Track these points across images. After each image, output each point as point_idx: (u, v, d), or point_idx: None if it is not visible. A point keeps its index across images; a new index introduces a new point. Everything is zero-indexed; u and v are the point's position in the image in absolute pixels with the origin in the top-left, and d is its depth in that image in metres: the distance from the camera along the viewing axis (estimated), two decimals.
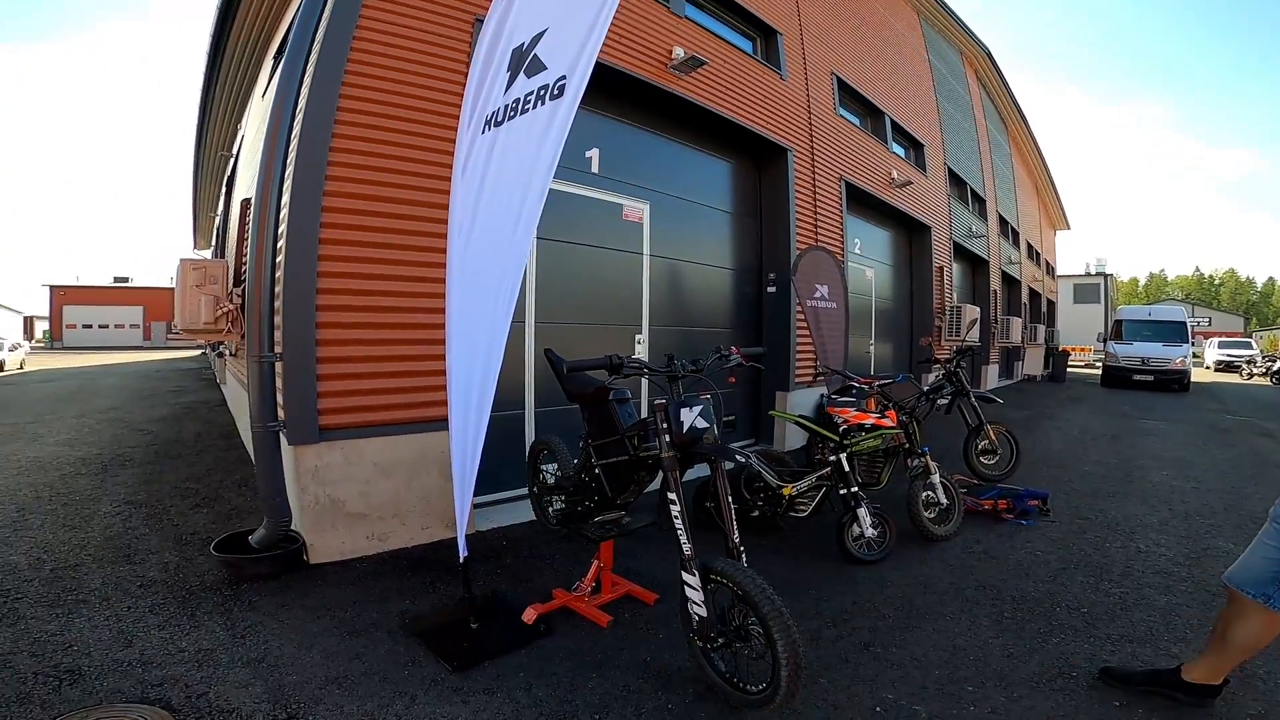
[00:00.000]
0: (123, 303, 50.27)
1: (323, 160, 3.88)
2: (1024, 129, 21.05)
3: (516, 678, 2.58)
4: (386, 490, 4.02)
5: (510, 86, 2.87)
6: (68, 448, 6.83)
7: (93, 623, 2.92)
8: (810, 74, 8.59)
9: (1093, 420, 10.82)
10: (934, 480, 4.40)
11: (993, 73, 17.28)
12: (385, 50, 4.21)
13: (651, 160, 6.52)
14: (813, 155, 8.31)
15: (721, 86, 6.82)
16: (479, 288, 2.83)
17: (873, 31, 10.89)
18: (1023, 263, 20.72)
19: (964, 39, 15.36)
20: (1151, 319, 19.70)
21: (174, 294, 5.20)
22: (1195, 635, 2.97)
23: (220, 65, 9.28)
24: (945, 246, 12.96)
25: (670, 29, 6.31)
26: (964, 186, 14.87)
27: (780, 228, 7.79)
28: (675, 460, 2.56)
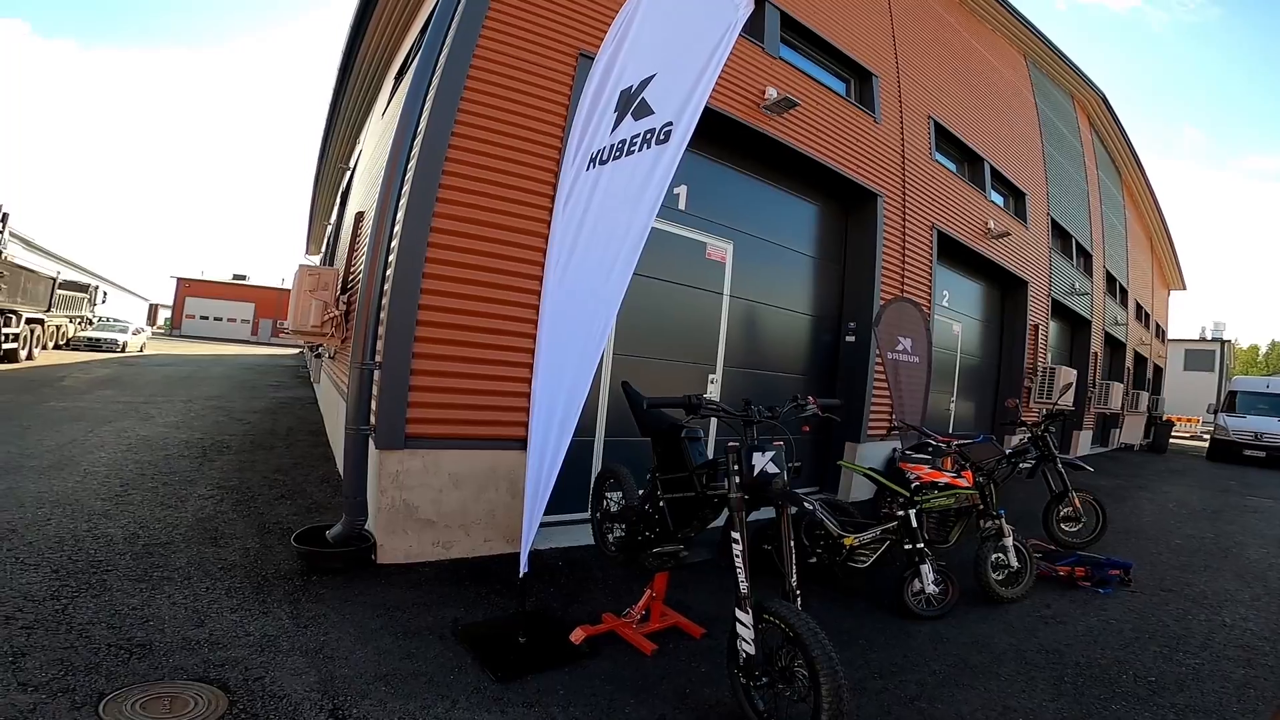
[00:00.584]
0: (237, 298, 54.04)
1: (435, 183, 4.16)
2: (1139, 177, 19.90)
3: (556, 694, 2.64)
4: (456, 500, 4.19)
5: (617, 127, 3.00)
6: (174, 429, 7.41)
7: (172, 600, 3.11)
8: (906, 117, 8.49)
9: (1192, 494, 10.07)
10: (1006, 543, 4.26)
11: (1107, 117, 16.42)
12: (497, 80, 4.50)
13: (737, 199, 6.60)
14: (904, 201, 8.18)
15: (812, 128, 6.85)
16: (572, 318, 2.96)
17: (974, 74, 10.66)
18: (1129, 324, 19.53)
19: (1076, 82, 14.69)
20: (1270, 391, 18.20)
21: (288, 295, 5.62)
22: (1268, 708, 2.81)
23: (347, 83, 10.04)
24: (1043, 304, 12.39)
25: (764, 69, 6.41)
26: (1069, 239, 14.19)
27: (864, 275, 7.67)
28: (743, 501, 2.60)
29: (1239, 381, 20.22)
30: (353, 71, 9.59)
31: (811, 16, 7.24)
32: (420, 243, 4.09)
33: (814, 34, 7.30)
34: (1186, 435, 27.85)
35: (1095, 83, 14.96)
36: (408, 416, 4.05)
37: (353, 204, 10.27)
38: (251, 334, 52.97)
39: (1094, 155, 16.38)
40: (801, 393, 3.25)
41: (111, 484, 4.95)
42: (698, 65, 2.61)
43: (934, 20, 9.73)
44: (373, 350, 3.89)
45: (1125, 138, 17.68)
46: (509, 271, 4.39)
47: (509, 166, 4.46)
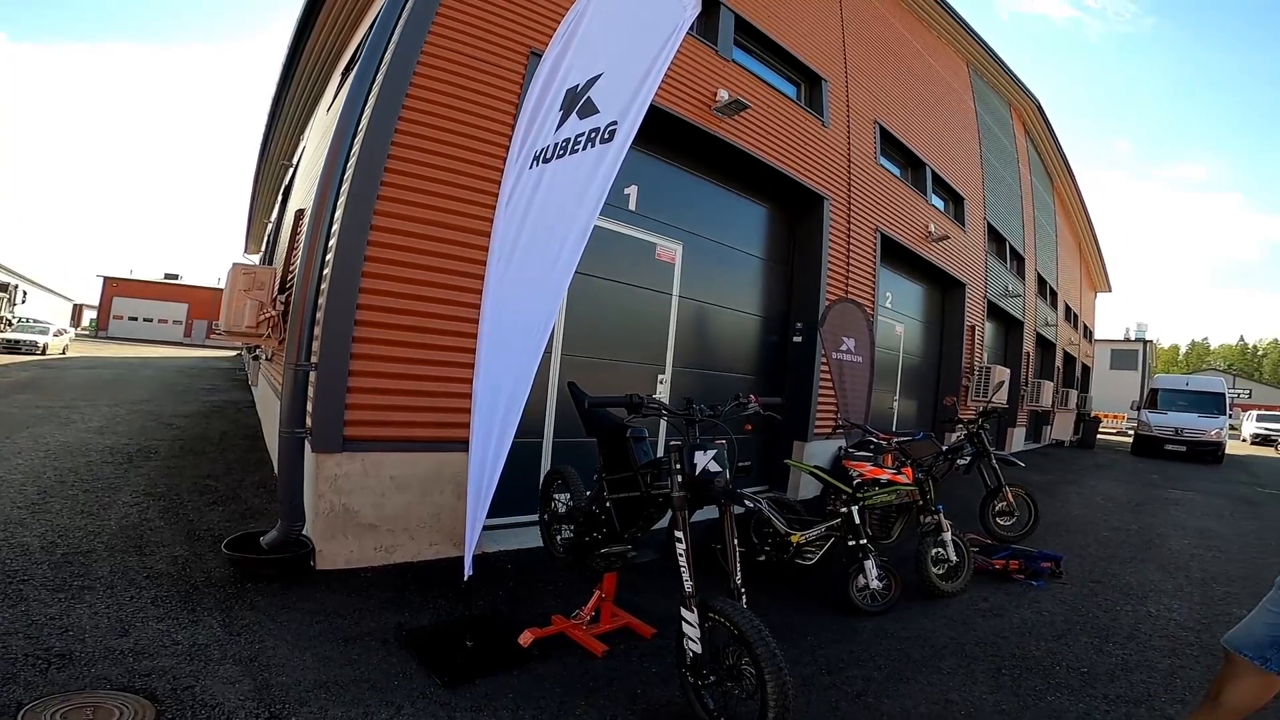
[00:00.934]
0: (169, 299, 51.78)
1: (377, 179, 4.05)
2: (1070, 184, 20.83)
3: (505, 698, 2.60)
4: (399, 504, 4.09)
5: (561, 126, 2.98)
6: (97, 435, 7.04)
7: (93, 609, 2.97)
8: (853, 122, 8.68)
9: (1118, 488, 10.58)
10: (945, 538, 4.38)
11: (1042, 125, 17.11)
12: (446, 77, 4.41)
13: (687, 201, 6.63)
14: (849, 205, 8.36)
15: (763, 131, 6.93)
16: (513, 317, 2.92)
17: (919, 80, 10.96)
18: (1059, 325, 20.40)
19: (1013, 90, 15.26)
20: (1188, 389, 19.33)
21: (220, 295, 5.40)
22: (1193, 697, 2.94)
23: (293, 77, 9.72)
24: (979, 305, 12.84)
25: (716, 71, 6.45)
26: (1003, 243, 14.74)
27: (811, 277, 7.81)
28: (685, 500, 2.61)
29: (1160, 380, 21.34)
30: (299, 66, 9.30)
31: (765, 20, 7.33)
32: (359, 240, 3.98)
33: (767, 38, 7.40)
34: (1113, 431, 29.27)
35: (1032, 91, 15.57)
36: (345, 418, 3.93)
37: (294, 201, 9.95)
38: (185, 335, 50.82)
39: (1028, 162, 17.06)
40: (749, 392, 3.27)
41: (28, 492, 4.67)
42: (644, 65, 2.60)
43: (883, 26, 9.98)
44: (308, 350, 3.76)
45: (1058, 145, 18.47)
46: (454, 270, 4.31)
47: (456, 165, 4.37)
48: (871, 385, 8.07)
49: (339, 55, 8.44)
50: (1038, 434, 18.82)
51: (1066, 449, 18.79)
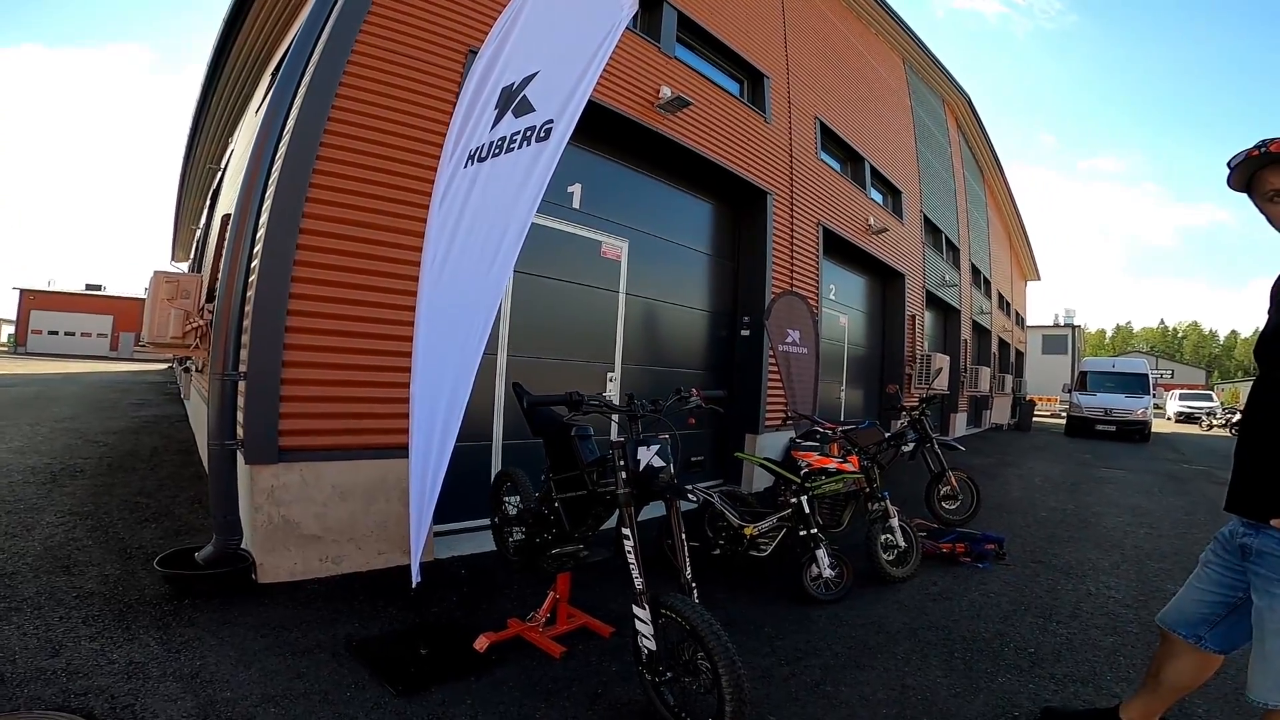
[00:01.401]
0: (92, 311, 49.21)
1: (305, 181, 3.90)
2: (1000, 178, 21.69)
3: (463, 705, 2.54)
4: (343, 514, 3.96)
5: (497, 124, 2.92)
6: (17, 455, 6.64)
7: (21, 630, 2.85)
8: (794, 118, 8.82)
9: (1054, 468, 11.01)
10: (893, 524, 4.46)
11: (972, 121, 17.76)
12: (379, 75, 4.29)
13: (632, 198, 6.62)
14: (792, 199, 8.49)
15: (706, 127, 6.97)
16: (450, 319, 2.85)
17: (857, 76, 11.20)
18: (993, 312, 21.18)
19: (946, 86, 15.78)
20: (1115, 370, 20.27)
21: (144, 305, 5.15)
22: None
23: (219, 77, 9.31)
24: (918, 295, 13.21)
25: (659, 68, 6.46)
26: (939, 235, 15.21)
27: (756, 271, 7.90)
28: (631, 497, 2.59)
29: (1089, 362, 22.32)
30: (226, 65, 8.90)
31: (708, 17, 7.38)
32: (288, 244, 3.82)
33: (710, 34, 7.45)
34: (1048, 414, 30.54)
35: (964, 88, 16.11)
36: (280, 428, 3.78)
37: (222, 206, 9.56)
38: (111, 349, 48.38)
39: (961, 156, 17.65)
40: (699, 386, 3.28)
41: None
42: (580, 64, 2.57)
43: (823, 23, 10.17)
44: (235, 359, 3.61)
45: (988, 140, 19.19)
46: (389, 274, 4.18)
47: (391, 165, 4.25)
48: (818, 376, 8.21)
49: (269, 56, 8.14)
50: (978, 419, 19.50)
51: (1005, 432, 19.52)
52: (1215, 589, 2.13)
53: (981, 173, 20.63)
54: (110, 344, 48.60)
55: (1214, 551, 2.16)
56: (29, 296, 48.07)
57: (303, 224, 3.89)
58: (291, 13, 6.95)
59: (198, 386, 8.26)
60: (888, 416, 10.30)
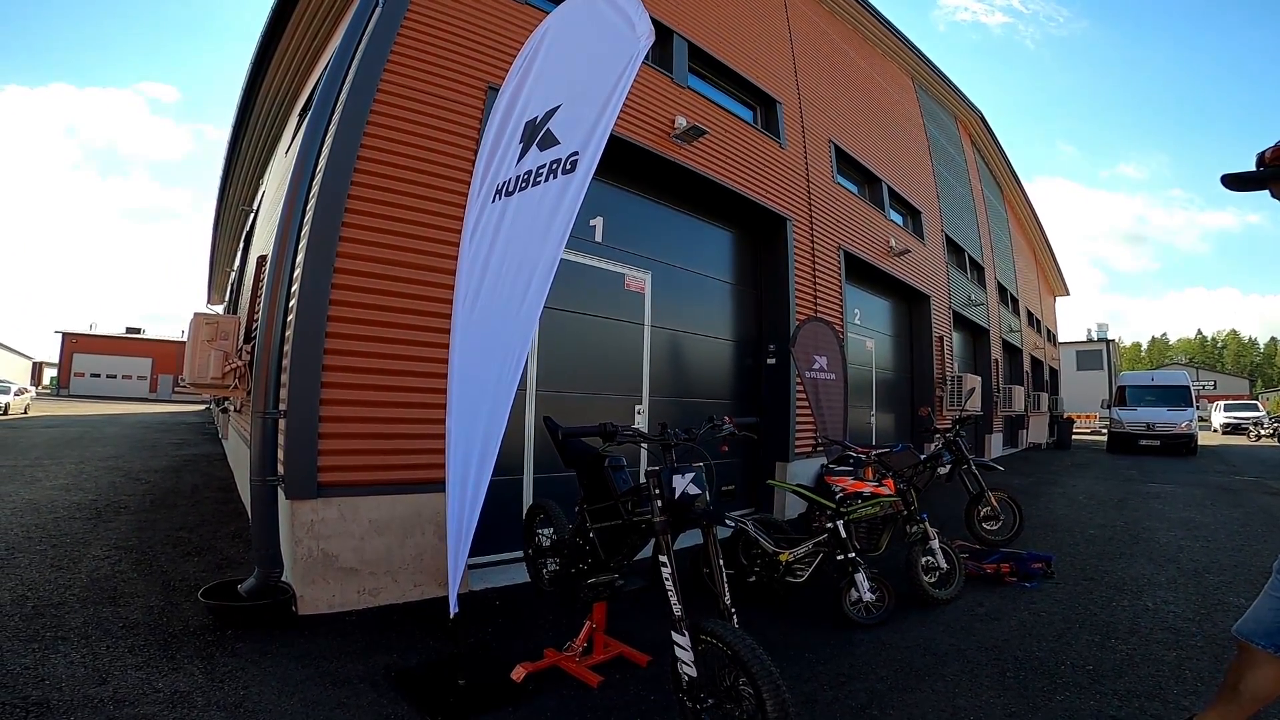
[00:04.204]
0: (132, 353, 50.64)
1: (338, 220, 4.03)
2: (1019, 193, 21.48)
3: None
4: (380, 547, 4.01)
5: (522, 158, 2.99)
6: (63, 492, 6.82)
7: (69, 659, 2.91)
8: (809, 142, 8.87)
9: (1098, 485, 10.72)
10: (933, 545, 4.39)
11: (987, 136, 17.67)
12: (403, 115, 4.44)
13: (653, 229, 6.69)
14: (811, 224, 8.50)
15: (722, 156, 7.05)
16: (483, 354, 2.89)
17: (869, 99, 11.26)
18: (1023, 330, 20.85)
19: (957, 103, 15.76)
20: (1155, 384, 19.80)
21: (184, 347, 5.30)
22: (1206, 688, 2.92)
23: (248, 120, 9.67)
24: (945, 315, 13.07)
25: (673, 99, 6.57)
26: (962, 254, 15.07)
27: (779, 298, 7.90)
28: (667, 525, 2.59)
29: (1126, 377, 21.85)
30: (254, 108, 9.27)
31: (718, 46, 7.50)
32: (323, 283, 3.94)
33: (721, 63, 7.57)
34: (1087, 431, 29.79)
35: (975, 103, 16.09)
36: (319, 464, 3.86)
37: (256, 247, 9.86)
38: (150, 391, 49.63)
39: (977, 173, 17.55)
40: (725, 415, 3.29)
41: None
42: (602, 95, 2.64)
43: (830, 46, 10.27)
44: (276, 397, 3.71)
45: (1004, 156, 19.07)
46: (422, 311, 4.28)
47: (418, 203, 4.38)
48: (847, 401, 8.12)
49: (295, 97, 8.45)
50: (1014, 439, 19.10)
51: (1044, 451, 19.07)
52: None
53: (1001, 189, 20.48)
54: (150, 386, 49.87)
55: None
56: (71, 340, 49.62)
57: (337, 263, 4.00)
58: (314, 55, 7.23)
59: (236, 426, 8.43)
60: (920, 440, 10.15)
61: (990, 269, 17.17)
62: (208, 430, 17.14)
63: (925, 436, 7.76)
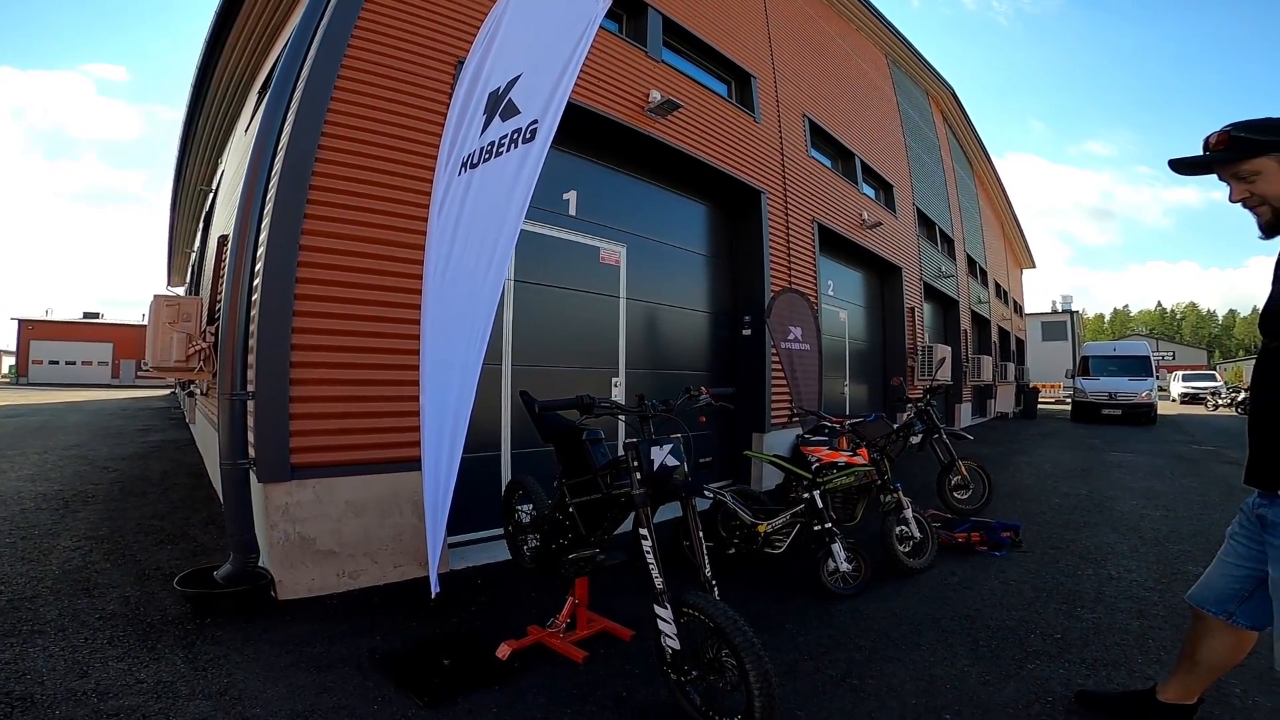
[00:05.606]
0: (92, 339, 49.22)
1: (302, 198, 3.92)
2: (989, 168, 21.74)
3: (489, 713, 2.54)
4: (358, 528, 3.97)
5: (486, 130, 2.94)
6: (29, 483, 6.65)
7: (48, 653, 2.86)
8: (783, 116, 8.85)
9: (1063, 454, 11.00)
10: (907, 515, 4.45)
11: (958, 112, 17.85)
12: (369, 90, 4.31)
13: (628, 203, 6.64)
14: (785, 197, 8.51)
15: (697, 129, 7.00)
16: (452, 327, 2.85)
17: (843, 74, 11.26)
18: (991, 302, 21.19)
19: (930, 79, 15.86)
20: (1116, 354, 20.28)
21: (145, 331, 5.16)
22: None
23: (204, 98, 9.34)
24: (916, 287, 13.23)
25: (647, 73, 6.49)
26: (933, 227, 15.24)
27: (754, 270, 7.92)
28: (647, 497, 2.59)
29: (1090, 347, 22.33)
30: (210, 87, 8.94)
31: (692, 20, 7.41)
32: (289, 261, 3.84)
33: (695, 37, 7.48)
34: (1052, 400, 30.53)
35: (947, 79, 16.19)
36: (291, 446, 3.79)
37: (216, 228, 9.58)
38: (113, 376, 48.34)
39: (948, 148, 17.70)
40: (706, 385, 3.29)
41: None
42: (560, 62, 2.59)
43: (805, 21, 10.21)
44: (243, 379, 3.62)
45: (975, 132, 19.27)
46: (392, 287, 4.20)
47: (386, 178, 4.27)
48: (821, 372, 8.21)
49: (254, 75, 8.18)
50: (983, 408, 19.50)
51: (1011, 420, 19.51)
52: (1242, 562, 2.11)
53: (971, 164, 20.69)
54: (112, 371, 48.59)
55: (1239, 524, 2.14)
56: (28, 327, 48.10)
57: (303, 240, 3.90)
58: (274, 32, 7.00)
59: (204, 410, 8.27)
60: (893, 409, 10.31)
61: (960, 242, 17.39)
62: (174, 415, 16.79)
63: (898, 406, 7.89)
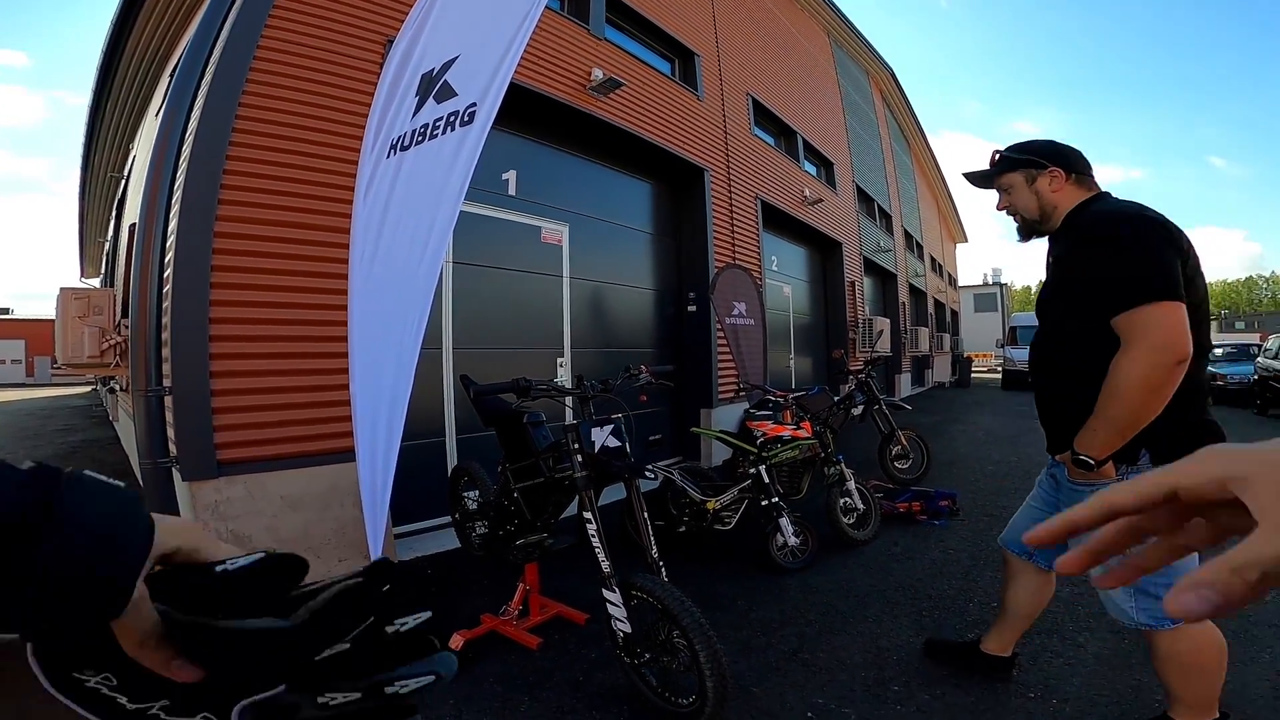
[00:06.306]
0: (2, 336, 46.28)
1: (215, 182, 3.69)
2: (925, 147, 22.33)
3: (445, 705, 2.49)
4: (297, 523, 3.82)
5: (418, 112, 2.82)
6: None
7: None
8: (726, 95, 8.84)
9: (995, 421, 11.44)
10: (850, 487, 4.52)
11: (897, 93, 18.24)
12: (290, 70, 4.08)
13: (570, 182, 6.54)
14: (729, 175, 8.53)
15: (640, 108, 6.92)
16: (384, 314, 2.74)
17: (786, 53, 11.32)
18: (927, 275, 21.84)
19: (870, 59, 16.16)
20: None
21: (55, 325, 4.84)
22: (1096, 623, 3.12)
23: (112, 82, 8.76)
24: (856, 261, 13.50)
25: (589, 51, 6.37)
26: (872, 203, 15.57)
27: (699, 247, 7.93)
28: (589, 480, 2.55)
29: (1018, 318, 23.21)
30: (118, 71, 8.36)
31: None
32: (202, 250, 3.62)
33: (639, 15, 7.39)
34: (984, 369, 31.66)
35: (887, 60, 16.50)
36: (216, 441, 3.61)
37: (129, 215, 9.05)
38: (27, 375, 45.52)
39: (887, 126, 18.06)
40: (650, 364, 3.26)
41: None
42: (502, 45, 2.50)
43: (750, 1, 10.19)
44: (158, 374, 3.42)
45: (912, 111, 19.73)
46: (320, 273, 4.00)
47: (311, 162, 4.07)
48: (766, 345, 8.30)
49: (166, 57, 7.69)
50: (921, 378, 20.13)
51: (947, 389, 20.17)
52: (1042, 506, 2.28)
53: (908, 142, 21.18)
54: (25, 370, 45.79)
55: (1046, 472, 2.30)
56: None
57: (218, 227, 3.69)
58: (189, 12, 6.59)
59: (125, 406, 7.87)
60: (836, 381, 10.53)
61: (898, 217, 17.81)
62: (96, 413, 15.96)
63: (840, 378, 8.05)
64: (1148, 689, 2.50)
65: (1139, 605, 1.88)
